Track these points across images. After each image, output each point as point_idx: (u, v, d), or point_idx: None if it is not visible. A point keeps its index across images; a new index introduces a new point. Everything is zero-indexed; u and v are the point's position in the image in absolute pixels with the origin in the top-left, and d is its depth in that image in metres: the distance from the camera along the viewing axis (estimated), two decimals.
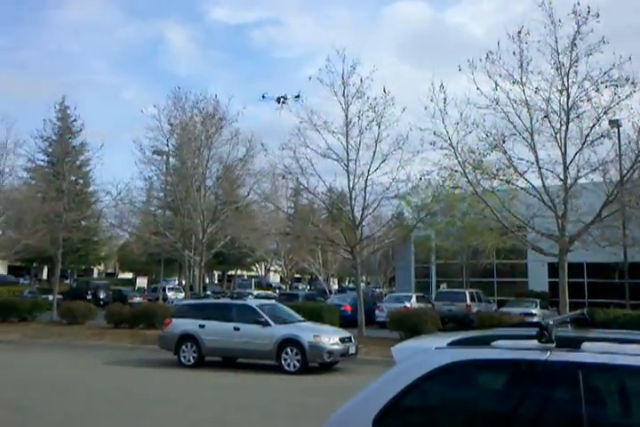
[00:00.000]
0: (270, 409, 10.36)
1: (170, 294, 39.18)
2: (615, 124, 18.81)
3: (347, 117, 19.42)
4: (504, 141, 16.48)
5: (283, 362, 14.55)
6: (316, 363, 14.75)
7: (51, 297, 31.31)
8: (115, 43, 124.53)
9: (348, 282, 78.34)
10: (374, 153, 19.05)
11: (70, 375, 14.20)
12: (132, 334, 21.77)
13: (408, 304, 25.65)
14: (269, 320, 15.10)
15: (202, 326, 15.65)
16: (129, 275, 79.25)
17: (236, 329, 15.23)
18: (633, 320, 15.14)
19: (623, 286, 25.72)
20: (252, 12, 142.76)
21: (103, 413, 9.83)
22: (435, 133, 17.85)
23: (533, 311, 23.64)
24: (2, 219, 26.63)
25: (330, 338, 14.75)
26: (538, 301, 25.94)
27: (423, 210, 23.27)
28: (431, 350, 3.23)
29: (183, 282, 58.78)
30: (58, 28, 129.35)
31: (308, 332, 14.90)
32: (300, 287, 66.24)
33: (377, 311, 25.87)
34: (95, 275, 77.25)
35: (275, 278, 77.60)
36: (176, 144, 26.66)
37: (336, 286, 59.84)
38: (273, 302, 19.64)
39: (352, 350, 15.13)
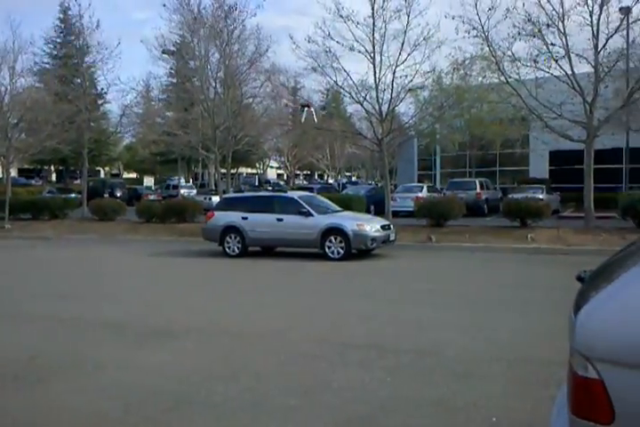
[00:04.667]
0: (344, 290, 10.17)
1: (182, 191, 38.57)
2: (625, 10, 17.56)
3: (373, 8, 17.97)
4: (549, 26, 15.38)
5: (327, 250, 14.35)
6: (355, 250, 14.57)
7: (72, 195, 30.89)
8: None
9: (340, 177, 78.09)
10: (402, 44, 17.84)
11: (130, 266, 14.00)
12: (165, 228, 21.47)
13: (420, 194, 25.27)
14: (312, 211, 14.78)
15: (245, 218, 15.31)
16: (133, 175, 78.63)
17: (279, 220, 14.93)
18: None
19: None
20: None
21: (197, 296, 9.61)
22: (463, 22, 16.67)
23: (540, 196, 23.38)
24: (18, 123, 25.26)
25: (372, 226, 14.50)
26: (544, 187, 25.75)
27: (433, 104, 22.28)
28: None
29: (191, 180, 58.50)
30: None
31: (350, 220, 14.63)
32: (296, 183, 65.87)
33: (392, 202, 25.56)
34: (102, 175, 76.38)
35: (272, 175, 77.44)
36: (187, 41, 25.03)
37: (331, 181, 59.39)
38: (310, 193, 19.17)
39: (392, 237, 14.95)
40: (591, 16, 15.70)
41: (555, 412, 2.93)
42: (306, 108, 19.28)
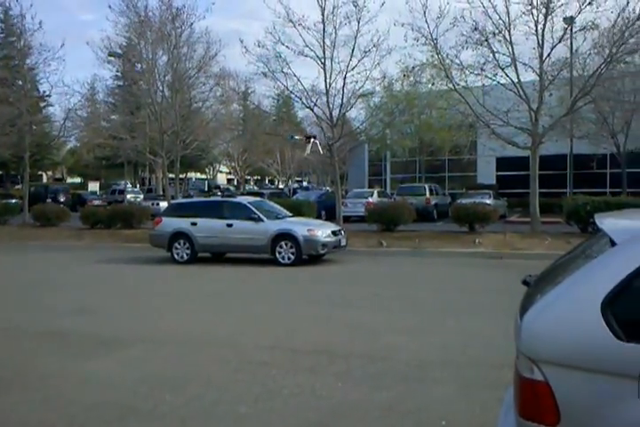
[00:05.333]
0: (294, 296, 10.13)
1: (129, 197, 37.83)
2: (569, 20, 18.23)
3: (323, 13, 18.12)
4: (495, 34, 15.81)
5: (277, 255, 14.33)
6: (306, 255, 14.58)
7: (13, 201, 29.87)
8: None
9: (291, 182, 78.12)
10: (353, 50, 18.03)
11: (74, 273, 13.55)
12: (111, 234, 21.07)
13: (371, 199, 25.52)
14: (262, 216, 14.74)
15: (194, 224, 15.16)
16: (77, 180, 76.67)
17: (229, 226, 14.83)
18: (598, 206, 15.37)
19: (605, 176, 27.38)
20: None
21: (156, 306, 9.38)
22: (412, 30, 16.98)
23: (488, 202, 23.92)
24: None
25: (322, 231, 14.55)
26: (491, 192, 26.38)
27: (383, 110, 22.60)
28: None
29: (138, 185, 57.39)
30: None
31: (301, 226, 14.63)
32: (246, 188, 65.51)
33: (343, 207, 25.71)
34: (44, 180, 74.16)
35: (222, 180, 76.88)
36: (134, 44, 24.62)
37: (282, 186, 59.33)
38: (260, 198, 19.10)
39: (343, 242, 15.03)
40: (536, 25, 16.26)
41: (502, 414, 2.99)
42: (312, 140, 19.26)
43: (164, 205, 23.15)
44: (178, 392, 5.16)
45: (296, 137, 20.43)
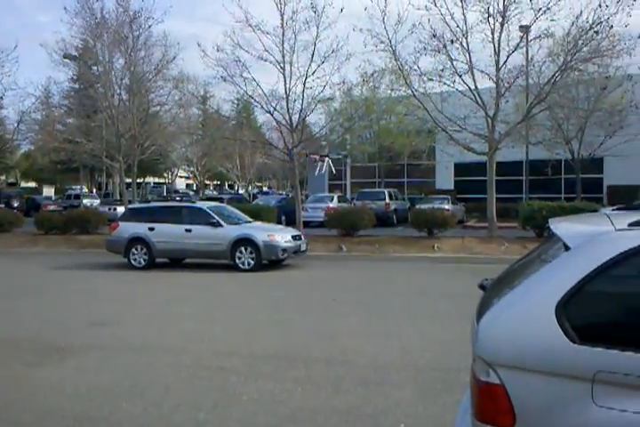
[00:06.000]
0: (253, 301, 10.05)
1: (85, 202, 37.05)
2: (525, 29, 18.66)
3: (282, 18, 18.13)
4: (452, 42, 16.06)
5: (237, 261, 14.24)
6: (266, 261, 14.53)
7: None
8: None
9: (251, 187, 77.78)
10: (312, 55, 18.06)
11: (27, 280, 13.14)
12: (66, 239, 20.62)
13: (331, 204, 25.59)
14: (221, 221, 14.63)
15: (151, 229, 14.96)
16: (31, 184, 74.82)
17: (188, 231, 14.68)
18: (554, 211, 15.71)
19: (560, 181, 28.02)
20: None
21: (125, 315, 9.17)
22: (371, 36, 17.14)
23: (446, 207, 24.23)
24: None
25: (282, 236, 14.52)
26: (449, 197, 26.75)
27: (343, 115, 22.71)
28: (613, 233, 2.83)
29: (94, 190, 56.33)
30: None
31: (260, 231, 14.58)
32: (206, 193, 64.90)
33: (303, 212, 25.69)
34: None
35: (181, 185, 76.03)
36: (90, 46, 24.19)
37: (242, 191, 59.00)
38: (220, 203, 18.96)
39: (303, 247, 15.03)
40: (493, 34, 16.62)
41: (459, 416, 3.01)
42: (326, 159, 19.10)
43: (121, 210, 22.75)
44: (134, 400, 5.07)
45: (311, 155, 20.38)
